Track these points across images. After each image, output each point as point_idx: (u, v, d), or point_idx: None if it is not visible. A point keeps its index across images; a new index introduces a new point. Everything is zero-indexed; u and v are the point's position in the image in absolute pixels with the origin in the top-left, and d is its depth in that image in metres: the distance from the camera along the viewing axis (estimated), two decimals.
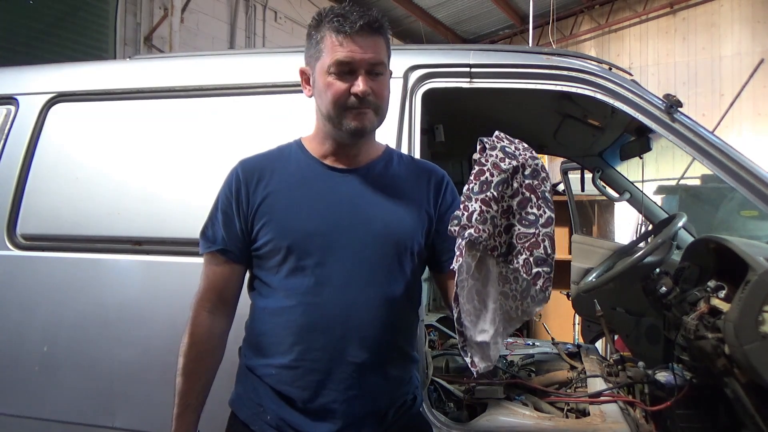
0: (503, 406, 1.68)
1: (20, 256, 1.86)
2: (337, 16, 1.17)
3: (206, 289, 1.28)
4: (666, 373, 1.77)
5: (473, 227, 1.03)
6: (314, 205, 1.22)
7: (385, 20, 1.23)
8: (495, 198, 1.04)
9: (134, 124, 1.90)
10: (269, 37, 8.45)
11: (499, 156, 1.06)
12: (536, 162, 1.08)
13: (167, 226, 1.76)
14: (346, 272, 1.19)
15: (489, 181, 1.05)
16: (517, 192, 1.06)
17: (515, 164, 1.06)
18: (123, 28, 6.49)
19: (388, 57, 1.24)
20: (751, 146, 8.76)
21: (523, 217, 1.07)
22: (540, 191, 1.07)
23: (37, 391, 1.78)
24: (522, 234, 1.06)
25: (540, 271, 1.05)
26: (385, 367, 1.22)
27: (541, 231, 1.06)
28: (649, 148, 2.28)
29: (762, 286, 1.30)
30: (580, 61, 1.74)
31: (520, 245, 1.06)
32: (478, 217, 1.03)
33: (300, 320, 1.18)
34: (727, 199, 4.92)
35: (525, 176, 1.07)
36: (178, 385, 1.26)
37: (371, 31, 1.18)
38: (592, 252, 2.51)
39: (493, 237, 1.05)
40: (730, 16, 10.88)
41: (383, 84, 1.22)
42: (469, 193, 1.06)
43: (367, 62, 1.17)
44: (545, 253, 1.06)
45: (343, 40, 1.16)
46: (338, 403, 1.17)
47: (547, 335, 2.98)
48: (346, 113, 1.19)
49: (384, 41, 1.22)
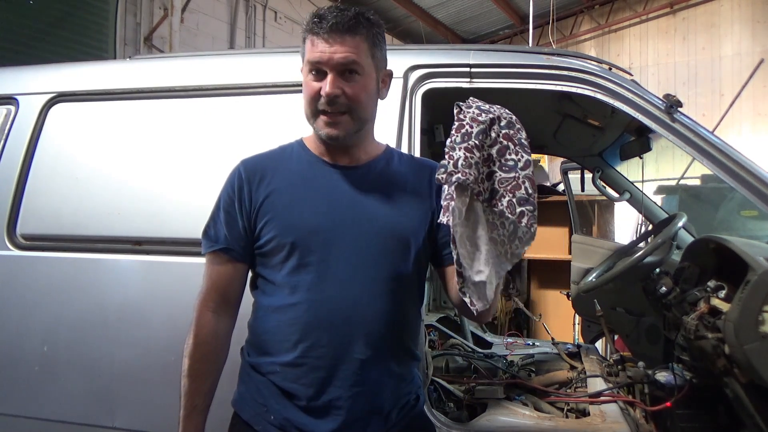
0: (503, 406, 1.68)
1: (20, 256, 1.86)
2: (315, 18, 1.18)
3: (209, 289, 1.27)
4: (666, 373, 1.77)
5: (460, 172, 1.08)
6: (317, 202, 1.22)
7: (370, 19, 1.20)
8: (477, 146, 1.10)
9: (134, 124, 1.90)
10: (269, 37, 8.46)
11: (476, 112, 1.13)
12: (511, 116, 1.15)
13: (167, 226, 1.76)
14: (350, 269, 1.19)
15: (469, 133, 1.10)
16: (496, 141, 1.12)
17: (492, 116, 1.13)
18: (123, 28, 6.49)
19: (375, 57, 1.21)
20: (751, 146, 8.77)
21: (503, 163, 1.12)
22: (516, 139, 1.14)
23: (37, 391, 1.78)
24: (503, 179, 1.12)
25: (524, 210, 1.11)
26: (389, 363, 1.22)
27: (521, 174, 1.12)
28: (649, 148, 2.28)
29: (762, 286, 1.30)
30: (580, 61, 1.74)
31: (503, 189, 1.12)
32: (464, 163, 1.08)
33: (304, 317, 1.18)
34: (727, 199, 4.92)
35: (501, 127, 1.13)
36: (185, 387, 1.25)
37: (344, 30, 1.16)
38: (592, 252, 2.51)
39: (477, 182, 1.11)
40: (730, 16, 10.89)
41: (360, 86, 1.19)
42: (453, 144, 1.10)
43: (336, 62, 1.16)
44: (527, 193, 1.11)
45: (315, 40, 1.17)
46: (343, 400, 1.17)
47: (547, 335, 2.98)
48: (318, 117, 1.19)
49: (365, 41, 1.19)
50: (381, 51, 1.24)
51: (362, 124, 1.23)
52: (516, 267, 4.68)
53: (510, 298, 4.18)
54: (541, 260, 4.52)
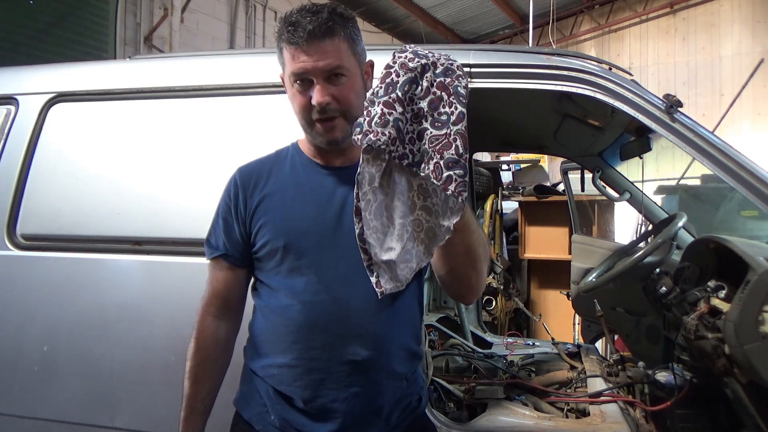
0: (503, 406, 1.68)
1: (20, 256, 1.86)
2: (289, 26, 1.15)
3: (211, 295, 1.30)
4: (666, 373, 1.77)
5: (372, 131, 0.95)
6: (307, 205, 1.22)
7: (344, 15, 1.17)
8: (399, 99, 0.96)
9: (134, 124, 1.90)
10: (269, 37, 8.46)
11: (408, 57, 1.00)
12: (452, 62, 1.01)
13: (167, 226, 1.76)
14: (343, 270, 1.18)
15: (395, 83, 0.98)
16: (428, 92, 0.98)
17: (424, 62, 0.98)
18: (123, 28, 6.50)
19: (356, 53, 1.19)
20: (751, 146, 8.76)
21: (435, 118, 0.98)
22: (453, 87, 0.98)
23: (37, 391, 1.78)
24: (434, 137, 0.98)
25: (452, 175, 0.96)
26: (388, 363, 1.21)
27: (453, 129, 0.97)
28: (649, 148, 2.27)
29: (762, 286, 1.29)
30: (580, 61, 1.74)
31: (432, 149, 0.97)
32: (378, 120, 0.96)
33: (299, 318, 1.18)
34: (727, 199, 4.92)
35: (436, 74, 0.99)
36: (185, 389, 1.27)
37: (322, 36, 1.13)
38: (592, 252, 2.50)
39: (400, 143, 0.97)
40: (730, 16, 10.89)
41: (348, 87, 1.17)
42: (373, 98, 0.99)
43: (322, 70, 1.14)
44: (456, 154, 0.97)
45: (294, 52, 1.15)
46: (339, 402, 1.17)
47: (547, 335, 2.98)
48: (314, 125, 1.19)
49: (343, 40, 1.16)
50: (360, 45, 1.22)
51: None
52: (516, 267, 4.70)
53: (510, 298, 4.18)
54: (541, 260, 4.52)
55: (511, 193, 4.67)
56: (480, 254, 1.16)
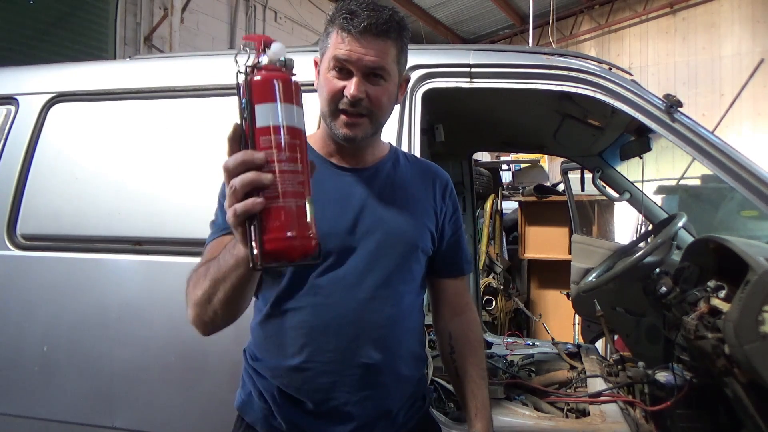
0: (503, 406, 1.69)
1: (20, 256, 1.86)
2: (347, 13, 1.12)
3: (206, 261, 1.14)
4: (666, 373, 1.77)
5: None
6: (327, 206, 1.17)
7: (402, 23, 1.15)
8: None
9: (134, 124, 1.90)
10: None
11: None
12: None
13: (167, 226, 1.76)
14: (359, 273, 1.16)
15: None
16: None
17: None
18: (123, 28, 6.50)
19: (400, 63, 1.18)
20: (751, 146, 8.76)
21: None
22: None
23: (37, 391, 1.78)
24: None
25: None
26: (398, 366, 1.20)
27: None
28: (649, 148, 2.28)
29: (762, 286, 1.29)
30: (580, 61, 1.74)
31: None
32: None
33: (311, 321, 1.15)
34: (727, 199, 4.92)
35: None
36: (202, 275, 1.06)
37: (378, 33, 1.11)
38: (592, 252, 2.51)
39: None
40: (730, 16, 10.89)
41: (383, 91, 1.15)
42: None
43: (365, 65, 1.12)
44: None
45: (346, 38, 1.12)
46: (351, 405, 1.16)
47: (547, 335, 2.98)
48: (338, 116, 1.15)
49: (394, 46, 1.14)
50: (405, 56, 1.20)
51: (378, 128, 1.21)
52: (516, 267, 4.71)
53: (510, 298, 4.18)
54: (541, 260, 4.52)
55: (511, 193, 4.68)
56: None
